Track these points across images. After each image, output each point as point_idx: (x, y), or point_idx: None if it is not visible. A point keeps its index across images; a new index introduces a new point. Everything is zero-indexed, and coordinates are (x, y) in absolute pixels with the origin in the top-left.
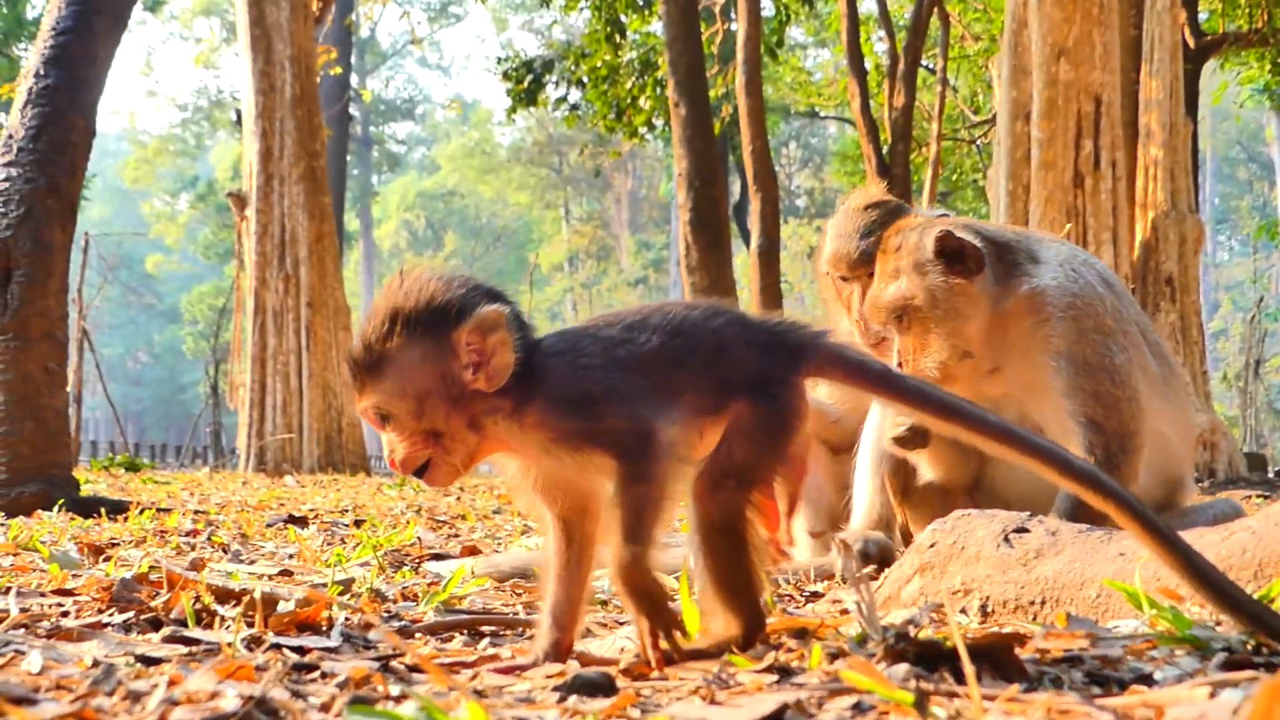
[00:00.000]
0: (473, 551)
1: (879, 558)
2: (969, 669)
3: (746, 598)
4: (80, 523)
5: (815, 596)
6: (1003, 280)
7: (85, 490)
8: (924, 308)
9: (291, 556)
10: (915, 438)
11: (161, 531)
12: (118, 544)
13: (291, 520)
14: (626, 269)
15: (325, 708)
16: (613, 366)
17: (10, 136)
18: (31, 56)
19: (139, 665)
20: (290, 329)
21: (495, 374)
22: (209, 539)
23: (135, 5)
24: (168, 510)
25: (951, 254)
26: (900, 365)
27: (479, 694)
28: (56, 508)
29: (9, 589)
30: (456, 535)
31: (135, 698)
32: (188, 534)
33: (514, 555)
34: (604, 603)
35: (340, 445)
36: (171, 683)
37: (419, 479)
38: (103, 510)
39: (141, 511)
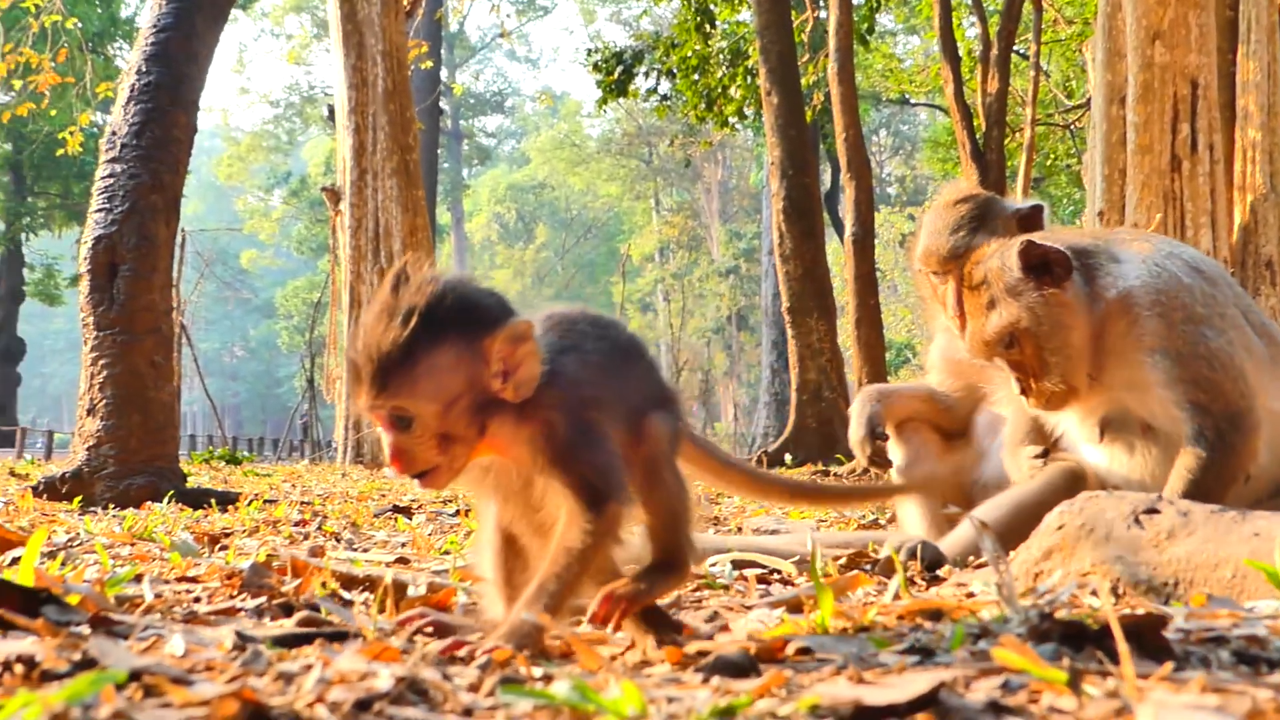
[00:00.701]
0: None
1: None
2: (1123, 647)
3: (686, 527)
4: (191, 514)
5: (937, 580)
6: (1090, 285)
7: (188, 483)
8: (1031, 328)
9: (404, 545)
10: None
11: (272, 522)
12: (231, 533)
13: (397, 510)
14: (717, 259)
15: (473, 688)
16: (607, 370)
17: (114, 133)
18: (133, 54)
19: (280, 648)
20: None
21: (522, 384)
22: (320, 528)
23: (234, 2)
24: (273, 501)
25: (1038, 266)
26: (1023, 394)
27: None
28: (166, 499)
29: (141, 576)
30: None
31: (287, 678)
32: (297, 524)
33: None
34: (725, 587)
35: None
36: (317, 664)
37: (416, 480)
38: (212, 501)
39: (250, 502)
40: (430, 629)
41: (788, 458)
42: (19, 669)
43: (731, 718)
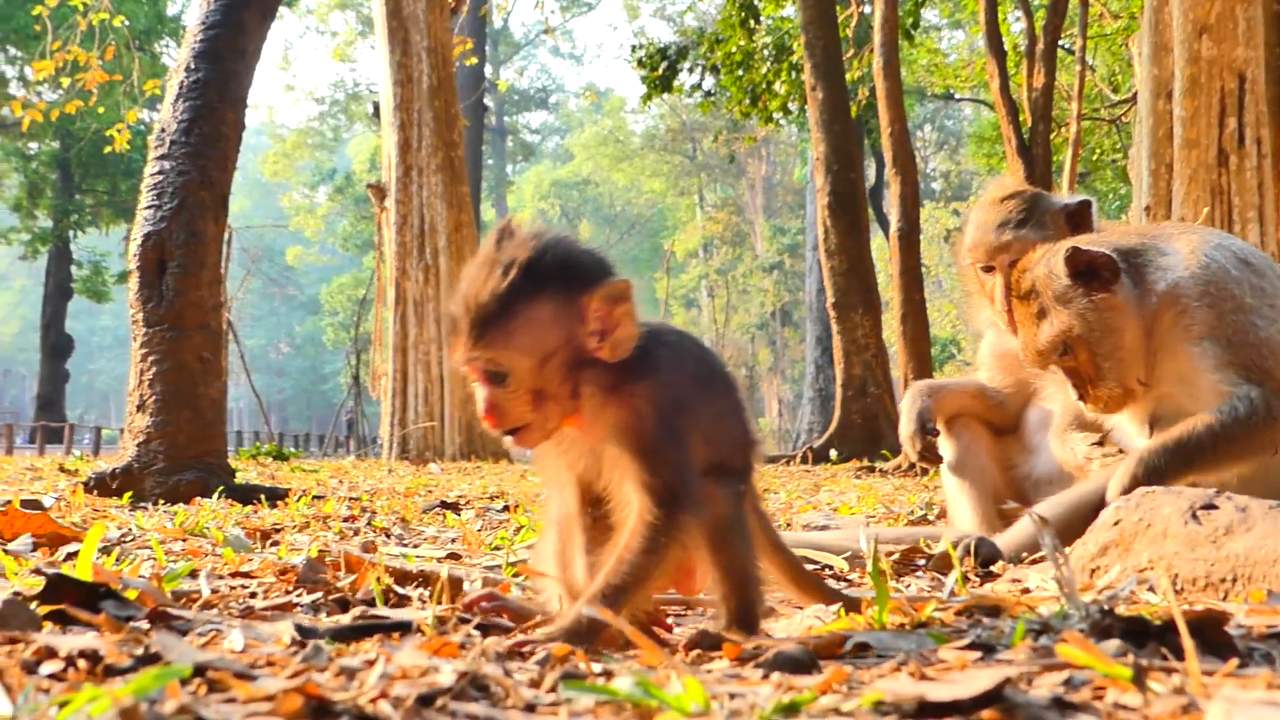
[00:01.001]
0: None
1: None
2: (1188, 643)
3: (756, 589)
4: (240, 509)
5: (992, 576)
6: (1139, 284)
7: (236, 479)
8: (1083, 335)
9: (454, 540)
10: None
11: (322, 517)
12: (281, 529)
13: (445, 506)
14: (761, 254)
15: (534, 684)
16: (702, 388)
17: (163, 130)
18: (181, 51)
19: (339, 644)
20: (431, 318)
21: (619, 345)
22: (369, 524)
23: None
24: (321, 497)
25: (1085, 272)
26: (1082, 399)
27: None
28: (216, 495)
29: (197, 572)
30: None
31: (349, 674)
32: (346, 519)
33: None
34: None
35: (481, 433)
36: (379, 659)
37: (509, 437)
38: (262, 497)
39: (299, 498)
40: (495, 613)
41: (833, 453)
42: (82, 664)
43: (795, 714)
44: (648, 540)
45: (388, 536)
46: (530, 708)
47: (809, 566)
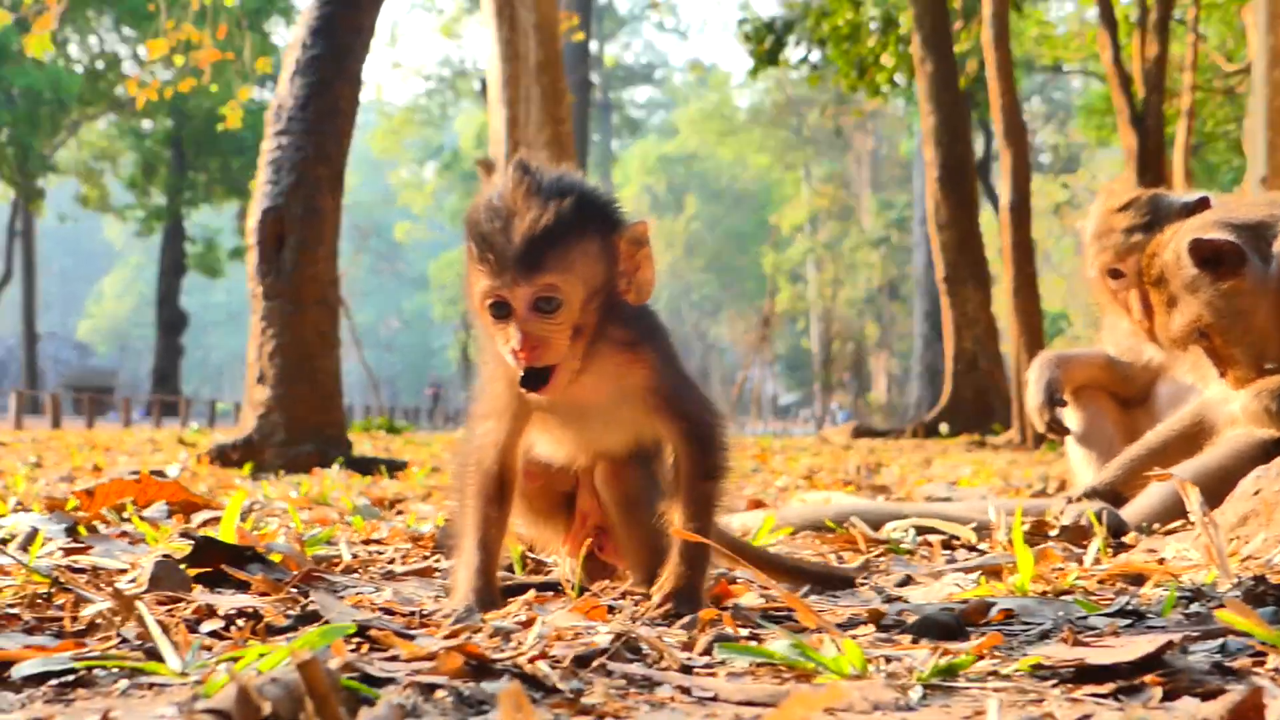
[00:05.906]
0: (758, 505)
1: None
2: None
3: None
4: (361, 479)
5: (1123, 547)
6: (1268, 258)
7: (353, 451)
8: (1214, 321)
9: None
10: None
11: (443, 488)
12: (404, 499)
13: None
14: (868, 228)
15: (686, 646)
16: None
17: (280, 106)
18: (298, 28)
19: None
20: None
21: (643, 288)
22: None
23: None
24: (438, 469)
25: (1211, 258)
26: (1223, 375)
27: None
28: (336, 465)
29: (335, 539)
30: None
31: (505, 635)
32: None
33: (800, 509)
34: (910, 552)
35: None
36: (530, 622)
37: (529, 388)
38: (382, 468)
39: (417, 469)
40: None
41: (943, 428)
42: (241, 622)
43: (953, 677)
44: (709, 484)
45: None
46: (686, 669)
47: (938, 536)
